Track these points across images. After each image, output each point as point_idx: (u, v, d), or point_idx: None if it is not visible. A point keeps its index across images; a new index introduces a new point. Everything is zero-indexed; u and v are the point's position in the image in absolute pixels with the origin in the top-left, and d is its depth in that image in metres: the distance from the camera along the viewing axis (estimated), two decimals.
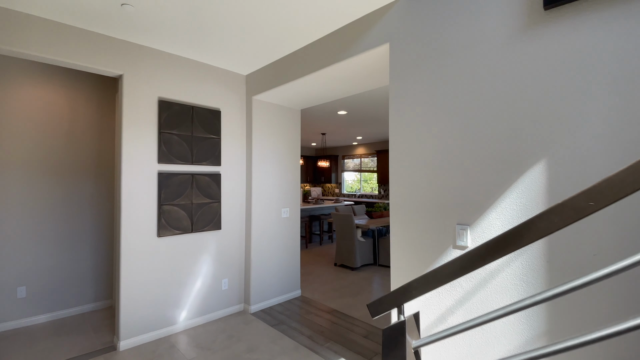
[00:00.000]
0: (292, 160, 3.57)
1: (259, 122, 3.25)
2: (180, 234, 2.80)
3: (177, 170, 2.81)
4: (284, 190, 3.48)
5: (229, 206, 3.14)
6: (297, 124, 3.63)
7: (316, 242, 6.74)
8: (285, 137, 3.50)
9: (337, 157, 9.87)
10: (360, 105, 4.59)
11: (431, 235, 1.77)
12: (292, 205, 3.57)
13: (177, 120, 2.80)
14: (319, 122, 5.83)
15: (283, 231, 3.46)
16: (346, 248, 4.74)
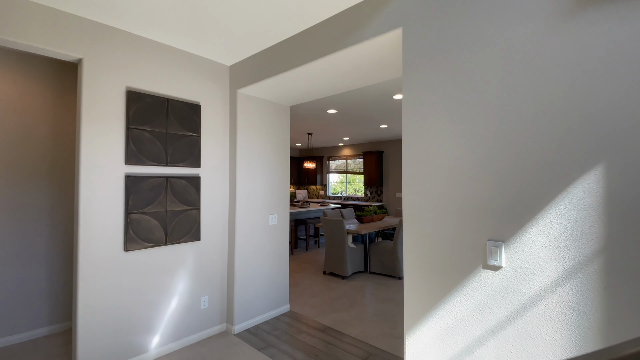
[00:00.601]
0: (281, 162, 3.24)
1: (245, 118, 2.90)
2: (151, 246, 2.40)
3: (148, 172, 2.42)
4: (271, 194, 3.14)
5: (209, 214, 2.77)
6: (287, 122, 3.31)
7: (302, 248, 6.41)
8: (274, 136, 3.17)
9: (322, 158, 9.59)
10: (352, 103, 4.32)
11: (456, 253, 1.50)
12: (281, 211, 3.24)
13: (149, 114, 2.41)
14: (306, 121, 5.52)
15: (271, 240, 3.13)
16: (336, 255, 4.45)
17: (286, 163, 3.30)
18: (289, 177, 3.34)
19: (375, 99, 4.12)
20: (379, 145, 8.30)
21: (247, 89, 2.78)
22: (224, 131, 2.90)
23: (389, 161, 8.08)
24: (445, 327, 1.53)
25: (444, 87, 1.56)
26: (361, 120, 5.52)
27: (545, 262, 1.27)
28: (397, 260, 4.39)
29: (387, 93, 3.88)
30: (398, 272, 4.38)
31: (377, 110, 4.72)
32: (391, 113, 4.89)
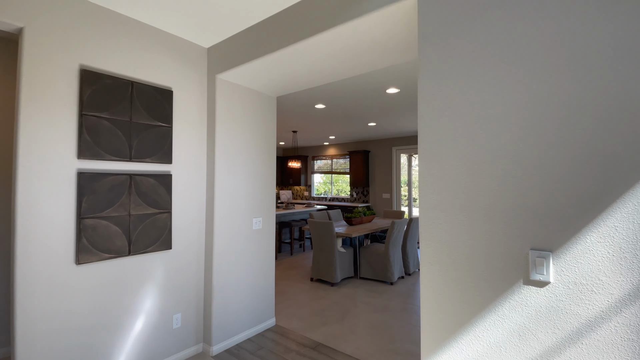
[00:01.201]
0: (266, 159, 2.90)
1: (225, 108, 2.55)
2: (111, 258, 2.01)
3: (107, 169, 2.02)
4: (256, 195, 2.79)
5: (183, 217, 2.39)
6: (273, 114, 2.97)
7: (286, 252, 6.06)
8: (258, 129, 2.83)
9: (306, 158, 9.27)
10: (342, 98, 4.04)
11: (488, 266, 1.23)
12: (266, 214, 2.90)
13: (109, 99, 2.02)
14: (292, 117, 5.19)
15: (255, 247, 2.78)
16: (325, 260, 4.15)
17: (272, 160, 2.96)
18: (275, 176, 3.00)
19: (368, 93, 3.85)
20: (365, 144, 8.08)
21: (228, 74, 2.43)
22: (200, 122, 2.53)
23: (375, 161, 7.87)
24: (475, 356, 1.25)
25: (470, 62, 1.29)
26: (350, 117, 5.25)
27: (608, 276, 1.02)
28: (389, 264, 4.14)
29: (380, 87, 3.63)
30: (390, 277, 4.12)
31: (368, 105, 4.47)
32: (382, 109, 4.65)
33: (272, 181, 2.96)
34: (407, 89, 3.67)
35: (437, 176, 1.37)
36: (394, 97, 3.99)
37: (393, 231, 4.15)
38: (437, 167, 1.37)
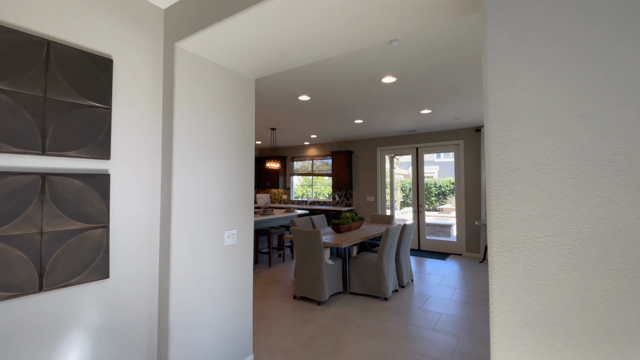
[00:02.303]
0: (243, 156, 2.31)
1: (188, 89, 1.94)
2: (11, 298, 1.35)
3: (5, 165, 1.37)
4: (229, 201, 2.20)
5: (127, 234, 1.76)
6: (251, 100, 2.39)
7: (264, 263, 5.44)
8: (233, 118, 2.24)
9: (285, 159, 8.67)
10: (331, 87, 3.52)
11: (624, 310, 0.74)
12: (243, 225, 2.31)
13: (10, 63, 1.37)
14: (271, 112, 4.60)
15: (227, 267, 2.18)
16: (310, 275, 3.59)
17: (250, 157, 2.38)
18: (253, 178, 2.42)
19: (360, 82, 3.36)
20: (348, 144, 7.62)
21: (191, 42, 1.83)
22: (154, 105, 1.91)
23: (359, 162, 7.43)
24: None
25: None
26: (336, 113, 4.74)
27: None
28: (383, 277, 3.66)
29: (375, 75, 3.14)
30: (384, 292, 3.64)
31: (359, 98, 3.98)
32: (374, 103, 4.18)
33: (249, 183, 2.37)
34: (406, 78, 3.21)
35: (522, 178, 0.87)
36: (389, 87, 3.52)
37: (387, 239, 3.67)
38: (518, 163, 0.87)
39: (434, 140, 6.43)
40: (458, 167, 6.19)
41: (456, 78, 3.23)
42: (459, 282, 4.39)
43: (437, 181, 12.28)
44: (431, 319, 3.18)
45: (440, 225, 8.58)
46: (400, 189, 11.90)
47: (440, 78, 3.24)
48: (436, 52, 2.64)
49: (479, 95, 3.85)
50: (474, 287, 4.14)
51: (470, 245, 5.98)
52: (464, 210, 6.05)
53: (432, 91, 3.68)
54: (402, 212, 11.14)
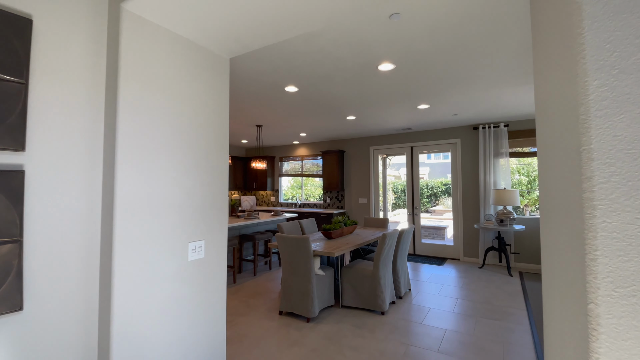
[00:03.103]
0: (215, 151, 1.91)
1: (141, 65, 1.53)
2: None
3: None
4: (196, 206, 1.78)
5: (50, 251, 1.33)
6: (224, 84, 1.99)
7: (249, 272, 5.01)
8: (202, 105, 1.83)
9: (273, 159, 8.25)
10: (321, 76, 3.14)
11: None
12: (214, 234, 1.89)
13: None
14: (256, 106, 4.19)
15: (193, 287, 1.76)
16: (298, 287, 3.19)
17: (223, 152, 1.97)
18: (227, 176, 2.01)
19: (354, 70, 2.99)
20: (340, 144, 7.26)
21: (143, 1, 1.42)
22: (93, 83, 1.49)
23: (351, 162, 7.07)
24: None
25: None
26: (327, 108, 4.37)
27: None
28: (379, 289, 3.28)
29: (371, 61, 2.78)
30: (381, 305, 3.26)
31: (352, 91, 3.61)
32: (369, 95, 3.81)
33: (222, 183, 1.96)
34: (405, 64, 2.85)
35: None
36: (386, 77, 3.16)
37: (384, 246, 3.30)
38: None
39: (429, 138, 6.12)
40: (455, 167, 5.89)
41: (460, 65, 2.89)
42: (459, 291, 4.05)
43: (429, 182, 12.07)
44: (434, 337, 2.81)
45: (434, 228, 8.29)
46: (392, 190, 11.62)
47: (443, 65, 2.89)
48: (441, 33, 2.28)
49: (483, 86, 3.52)
50: (477, 297, 3.80)
51: (468, 249, 5.67)
52: (462, 213, 5.74)
53: (432, 82, 3.33)
54: (394, 215, 10.84)
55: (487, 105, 4.30)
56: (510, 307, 3.49)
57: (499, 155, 5.37)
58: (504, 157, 5.33)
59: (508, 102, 4.16)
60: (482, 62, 2.80)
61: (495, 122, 5.44)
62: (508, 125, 5.34)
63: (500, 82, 3.35)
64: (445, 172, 15.57)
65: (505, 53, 2.62)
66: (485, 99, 3.99)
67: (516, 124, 5.33)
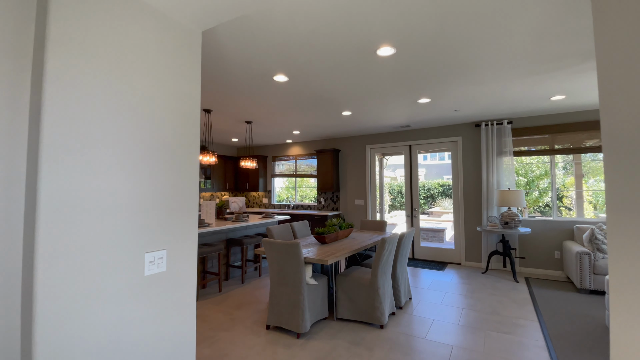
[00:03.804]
0: (180, 141, 1.57)
1: (80, 31, 1.19)
2: None
3: None
4: (155, 208, 1.45)
5: None
6: (196, 62, 1.65)
7: (236, 279, 4.66)
8: (164, 86, 1.49)
9: (266, 159, 7.91)
10: (313, 62, 2.82)
11: None
12: (180, 242, 1.56)
13: None
14: (243, 98, 3.85)
15: (150, 309, 1.42)
16: (287, 300, 2.85)
17: (193, 143, 1.64)
18: (197, 170, 1.67)
19: (349, 57, 2.67)
20: (335, 142, 6.94)
21: None
22: (15, 51, 1.15)
23: (346, 162, 6.76)
24: None
25: None
26: (320, 101, 4.05)
27: None
28: (378, 300, 2.96)
29: (368, 44, 2.47)
30: (379, 318, 2.94)
31: (348, 80, 3.29)
32: (366, 85, 3.50)
33: (191, 180, 1.63)
34: (407, 48, 2.54)
35: None
36: (385, 63, 2.85)
37: (384, 252, 2.98)
38: None
39: (429, 137, 5.82)
40: (456, 166, 5.60)
41: (468, 49, 2.59)
42: (464, 299, 3.74)
43: (425, 183, 11.80)
44: (440, 355, 2.49)
45: (433, 230, 8.01)
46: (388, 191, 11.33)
47: (449, 49, 2.59)
48: (449, 7, 1.98)
49: (489, 76, 3.23)
50: (483, 307, 3.50)
51: (470, 253, 5.37)
52: (463, 215, 5.45)
53: (436, 70, 3.03)
54: (391, 217, 10.54)
55: (492, 99, 4.01)
56: (521, 318, 3.19)
57: (502, 154, 5.09)
58: (507, 155, 5.05)
59: (514, 96, 3.87)
60: (492, 45, 2.50)
61: (498, 119, 5.16)
62: (512, 122, 5.06)
63: (509, 72, 3.06)
64: (441, 173, 15.35)
65: (520, 34, 2.32)
66: (490, 92, 3.70)
67: (520, 121, 5.05)
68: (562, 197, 6.39)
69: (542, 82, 3.38)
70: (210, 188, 7.15)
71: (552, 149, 4.87)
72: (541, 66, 2.92)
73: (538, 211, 7.72)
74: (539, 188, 7.39)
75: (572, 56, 2.71)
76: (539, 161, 6.33)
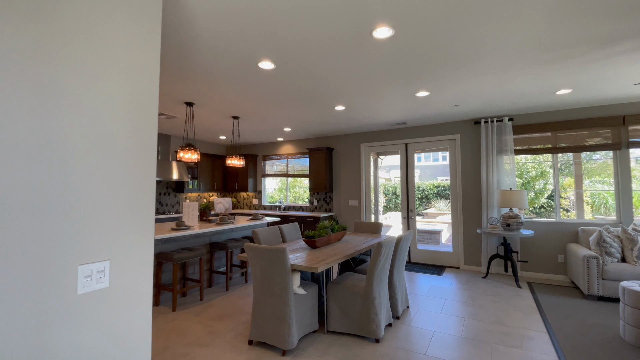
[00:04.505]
0: (128, 118, 1.26)
1: None
2: None
3: None
4: (90, 207, 1.14)
5: None
6: (155, 24, 1.35)
7: (220, 285, 4.33)
8: (104, 46, 1.19)
9: (256, 158, 7.59)
10: (301, 46, 2.52)
11: None
12: (129, 250, 1.25)
13: None
14: (226, 89, 3.54)
15: (83, 337, 1.11)
16: (272, 311, 2.55)
17: (148, 121, 1.33)
18: (154, 158, 1.36)
19: (342, 40, 2.39)
20: (328, 140, 6.66)
21: None
22: None
23: (340, 161, 6.47)
24: None
25: None
26: (311, 93, 3.76)
27: None
28: (373, 310, 2.67)
29: (362, 23, 2.18)
30: (375, 331, 2.65)
31: (340, 68, 3.01)
32: (360, 75, 3.22)
33: (145, 171, 1.32)
34: (409, 29, 2.27)
35: None
36: (382, 48, 2.57)
37: (379, 258, 2.70)
38: None
39: (426, 134, 5.57)
40: (454, 165, 5.35)
41: (473, 32, 2.33)
42: (465, 308, 3.47)
43: (420, 184, 11.59)
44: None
45: (429, 232, 7.77)
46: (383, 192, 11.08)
47: (452, 32, 2.32)
48: None
49: (494, 66, 2.97)
50: (486, 316, 3.23)
51: (469, 256, 5.12)
52: (462, 216, 5.20)
53: (436, 58, 2.76)
54: (385, 218, 10.29)
55: (493, 93, 3.77)
56: (528, 329, 2.92)
57: (502, 152, 4.85)
58: (508, 154, 4.81)
59: (517, 90, 3.63)
60: (498, 29, 2.23)
61: (498, 116, 4.92)
62: (513, 119, 4.83)
63: (515, 61, 2.81)
64: (435, 174, 15.18)
65: (530, 16, 2.06)
66: (493, 85, 3.44)
67: (521, 118, 4.83)
68: None
69: (549, 74, 3.14)
70: (197, 188, 6.81)
71: (554, 147, 4.65)
72: (551, 54, 2.67)
73: (534, 212, 7.53)
74: (534, 189, 7.21)
75: (588, 41, 2.46)
76: (534, 160, 6.14)
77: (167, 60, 2.73)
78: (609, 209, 6.04)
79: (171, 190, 6.47)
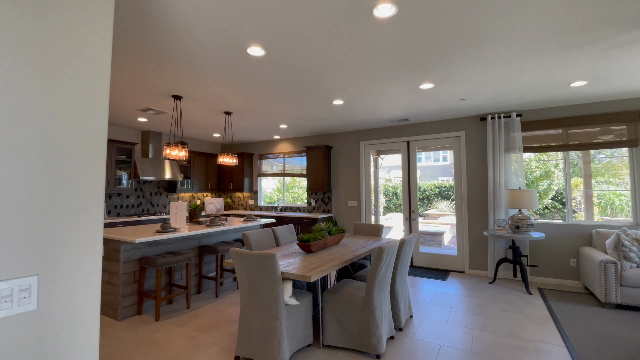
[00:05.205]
0: (65, 100, 1.00)
1: None
2: None
3: None
4: (11, 206, 0.87)
5: None
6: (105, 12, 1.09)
7: (210, 291, 4.06)
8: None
9: (252, 157, 7.33)
10: (293, 30, 2.26)
11: None
12: (66, 261, 0.99)
13: None
14: (215, 80, 3.28)
15: None
16: (261, 325, 2.28)
17: (95, 104, 1.07)
18: (104, 149, 1.10)
19: (337, 21, 2.13)
20: (326, 138, 6.40)
21: None
22: None
23: (339, 159, 6.21)
24: None
25: None
26: (306, 84, 3.50)
27: None
28: (372, 322, 2.40)
29: (363, 1, 1.92)
30: (375, 345, 2.38)
31: (337, 55, 2.75)
32: (359, 64, 2.96)
33: (93, 164, 1.06)
34: (413, 6, 2.01)
35: None
36: (384, 31, 2.31)
37: (381, 264, 2.43)
38: None
39: (429, 131, 5.31)
40: (459, 164, 5.08)
41: (482, 15, 2.07)
42: (473, 317, 3.20)
43: (421, 185, 11.33)
44: None
45: (431, 234, 7.51)
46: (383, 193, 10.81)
47: (459, 13, 2.06)
48: None
49: (505, 53, 2.71)
50: (497, 327, 2.96)
51: (475, 260, 4.85)
52: (467, 217, 4.93)
53: (442, 44, 2.51)
54: (386, 219, 10.02)
55: (502, 86, 3.51)
56: (544, 342, 2.66)
57: (510, 150, 4.59)
58: (516, 151, 4.55)
59: (527, 82, 3.37)
60: (512, 10, 1.97)
61: (506, 112, 4.66)
62: (521, 115, 4.57)
63: (528, 48, 2.55)
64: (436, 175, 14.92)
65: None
66: (503, 74, 3.18)
67: (530, 114, 4.56)
68: (562, 198, 5.94)
69: (565, 62, 2.88)
70: (191, 188, 6.54)
71: (566, 144, 4.38)
72: (569, 39, 2.41)
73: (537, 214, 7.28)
74: (539, 189, 6.95)
75: (611, 24, 2.20)
76: (538, 160, 5.87)
77: (145, 45, 2.47)
78: (615, 210, 5.78)
79: (163, 190, 6.21)
